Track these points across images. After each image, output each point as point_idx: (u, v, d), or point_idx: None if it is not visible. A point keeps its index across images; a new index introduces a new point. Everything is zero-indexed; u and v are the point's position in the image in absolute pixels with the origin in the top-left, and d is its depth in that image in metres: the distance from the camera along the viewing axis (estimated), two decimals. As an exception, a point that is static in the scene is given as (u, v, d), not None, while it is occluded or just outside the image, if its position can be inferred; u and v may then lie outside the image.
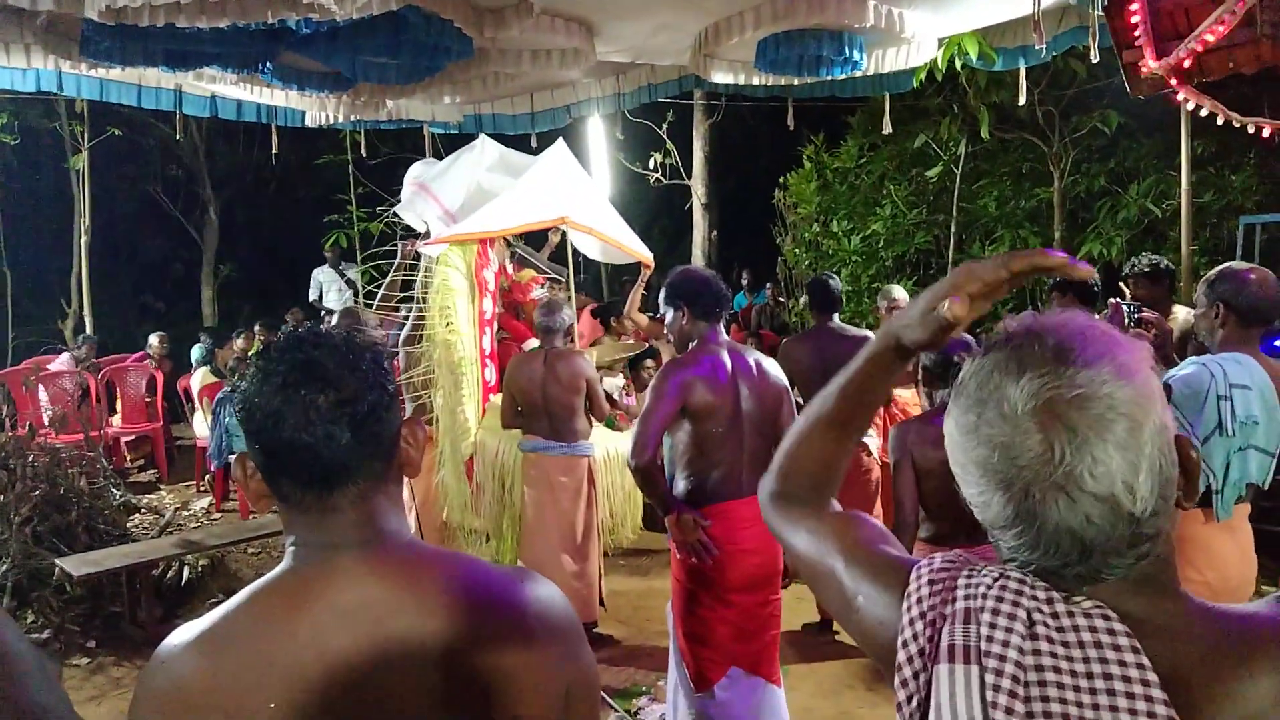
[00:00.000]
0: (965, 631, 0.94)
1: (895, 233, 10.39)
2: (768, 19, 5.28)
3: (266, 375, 1.15)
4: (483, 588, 1.18)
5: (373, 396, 1.17)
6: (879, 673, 4.46)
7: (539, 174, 6.03)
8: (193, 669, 1.10)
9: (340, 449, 1.14)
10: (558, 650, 1.19)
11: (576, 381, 4.95)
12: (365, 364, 1.19)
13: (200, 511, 7.83)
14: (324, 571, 1.16)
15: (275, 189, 14.42)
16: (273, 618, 1.12)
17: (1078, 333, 0.93)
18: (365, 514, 1.19)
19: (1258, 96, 7.61)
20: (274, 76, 5.89)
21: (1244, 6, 3.60)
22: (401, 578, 1.16)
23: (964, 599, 0.97)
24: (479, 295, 5.85)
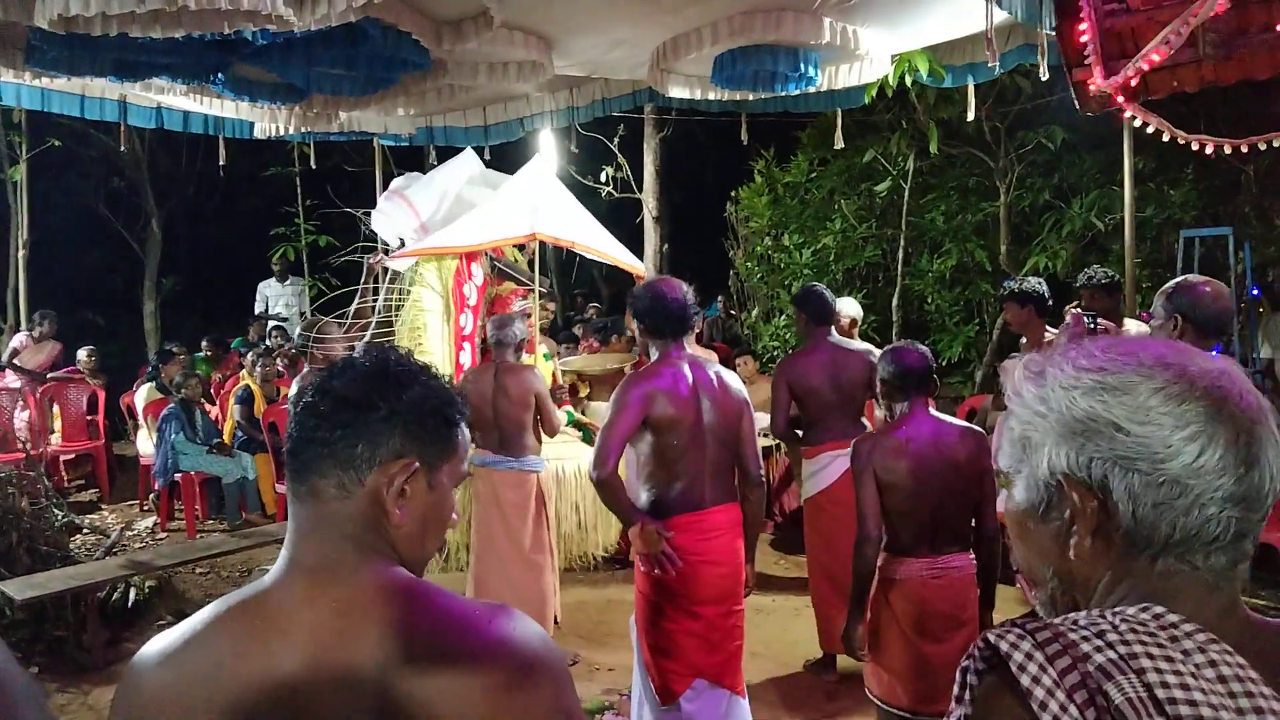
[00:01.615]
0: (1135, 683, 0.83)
1: (845, 246, 10.51)
2: (725, 35, 5.33)
3: (329, 371, 1.25)
4: (450, 622, 1.13)
5: (353, 406, 1.18)
6: (839, 683, 4.50)
7: (513, 190, 6.02)
8: (153, 679, 1.13)
9: (311, 437, 1.19)
10: (532, 692, 1.10)
11: (525, 397, 4.91)
12: (373, 381, 1.21)
13: (145, 531, 7.64)
14: (286, 590, 1.16)
15: (220, 201, 14.16)
16: (229, 633, 1.13)
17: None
18: (324, 520, 1.18)
19: (1193, 114, 7.87)
20: (225, 87, 5.81)
21: (1188, 28, 3.70)
22: (361, 605, 1.13)
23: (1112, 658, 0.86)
24: (456, 311, 5.80)
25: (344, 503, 1.18)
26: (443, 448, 1.23)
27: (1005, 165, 9.56)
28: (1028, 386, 1.02)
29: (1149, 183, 8.81)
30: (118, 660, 5.12)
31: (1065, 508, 0.98)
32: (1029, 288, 4.79)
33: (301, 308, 12.05)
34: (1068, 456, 0.96)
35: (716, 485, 3.38)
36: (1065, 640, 0.88)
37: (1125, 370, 0.95)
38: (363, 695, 1.07)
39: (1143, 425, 0.92)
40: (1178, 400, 0.92)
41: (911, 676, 3.10)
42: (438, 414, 1.23)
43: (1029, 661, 0.88)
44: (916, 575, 3.11)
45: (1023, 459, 1.02)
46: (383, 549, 1.20)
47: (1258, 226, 8.73)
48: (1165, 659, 0.84)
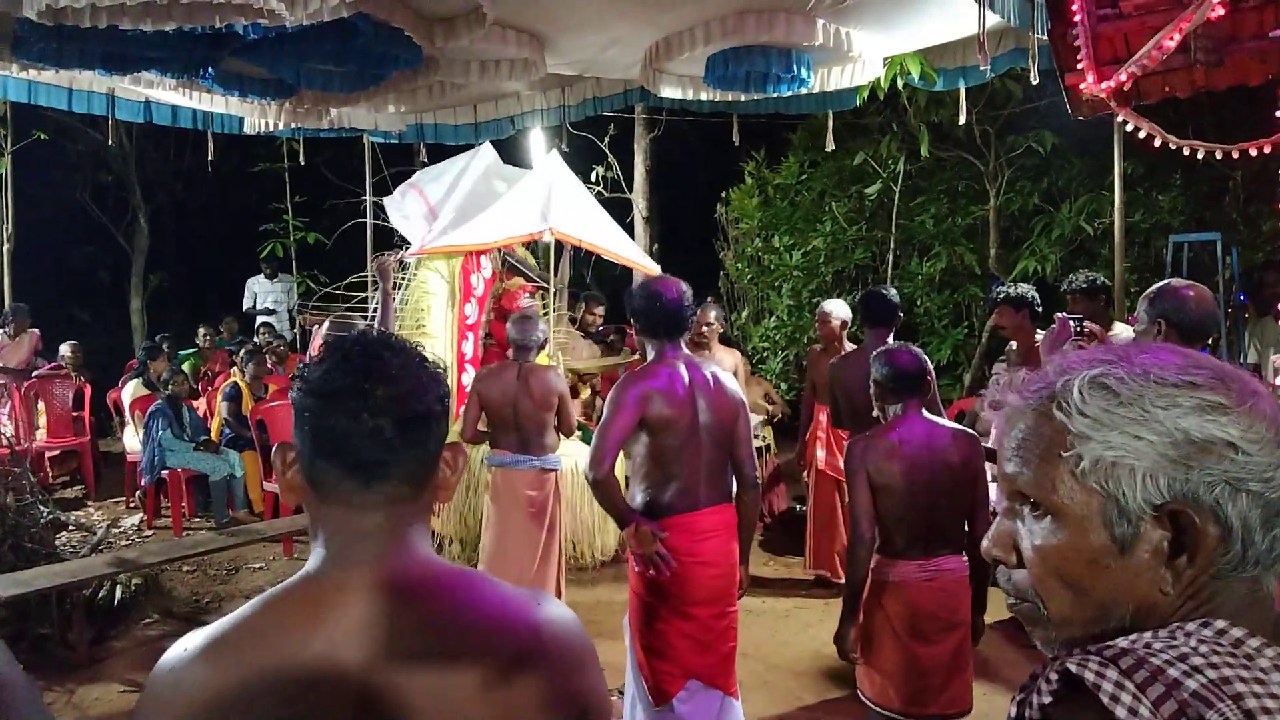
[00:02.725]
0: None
1: (835, 248, 10.52)
2: (718, 35, 5.33)
3: (334, 362, 1.17)
4: (500, 609, 1.18)
5: (423, 405, 1.19)
6: (830, 685, 4.50)
7: (528, 187, 5.98)
8: (200, 677, 1.09)
9: (383, 441, 1.15)
10: (573, 673, 1.19)
11: (549, 397, 4.90)
12: (425, 374, 1.21)
13: (131, 528, 7.59)
14: (343, 581, 1.15)
15: (208, 197, 14.06)
16: (288, 625, 1.12)
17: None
18: (393, 520, 1.18)
19: (1182, 120, 7.91)
20: (215, 82, 5.78)
21: (1181, 33, 3.72)
22: (419, 596, 1.16)
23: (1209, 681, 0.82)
24: (461, 300, 5.77)
25: (417, 500, 1.21)
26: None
27: (995, 169, 9.60)
28: (1097, 407, 0.91)
29: (1138, 188, 8.85)
30: (103, 658, 5.08)
31: (1152, 538, 0.90)
32: (1023, 292, 4.79)
33: (290, 304, 12.01)
34: (1170, 482, 0.88)
35: (712, 486, 3.37)
36: (1151, 666, 0.83)
37: (1214, 383, 0.90)
38: (438, 688, 1.10)
39: (1255, 444, 0.87)
40: (1269, 419, 0.88)
41: (903, 678, 3.10)
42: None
43: (1121, 691, 0.83)
44: (909, 578, 3.11)
45: (1091, 491, 0.91)
46: (427, 536, 1.25)
47: (1244, 232, 8.77)
48: (1256, 681, 0.81)
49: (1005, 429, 0.99)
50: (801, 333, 10.28)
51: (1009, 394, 1.00)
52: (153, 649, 5.26)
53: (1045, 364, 0.99)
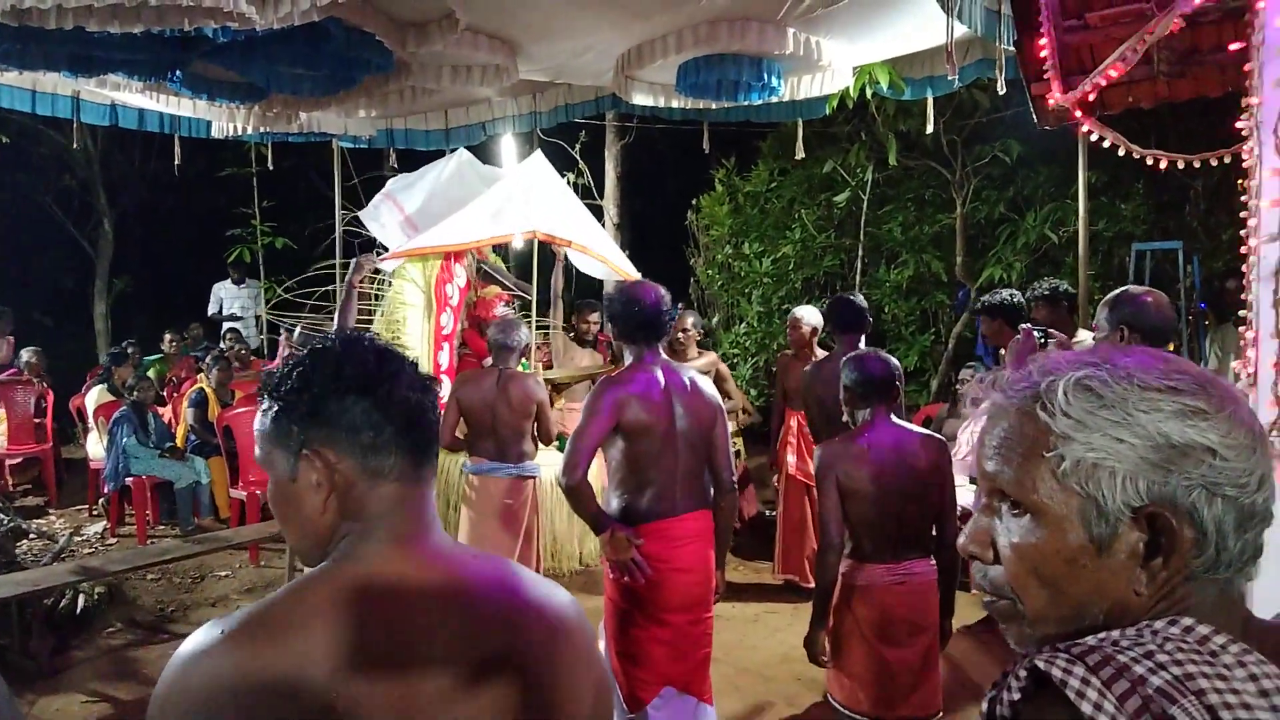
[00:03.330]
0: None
1: (805, 256, 10.58)
2: (690, 43, 5.36)
3: (351, 358, 1.23)
4: (532, 589, 1.28)
5: (431, 385, 1.30)
6: (799, 688, 4.52)
7: (510, 185, 5.92)
8: (222, 658, 1.09)
9: (435, 416, 1.28)
10: (592, 652, 1.30)
11: (528, 404, 4.89)
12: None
13: (94, 536, 7.48)
14: (395, 559, 1.20)
15: (175, 201, 13.90)
16: (341, 603, 1.14)
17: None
18: (430, 498, 1.27)
19: (1144, 130, 8.04)
20: (183, 85, 5.72)
21: (1144, 45, 3.77)
22: (462, 573, 1.23)
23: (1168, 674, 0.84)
24: (437, 310, 5.73)
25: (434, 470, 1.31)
26: None
27: (962, 178, 9.70)
28: (1080, 409, 0.92)
29: (1101, 197, 8.98)
30: (65, 669, 5.00)
31: (1129, 539, 0.91)
32: (998, 300, 4.82)
33: (257, 310, 11.90)
34: (1149, 485, 0.90)
35: (688, 492, 3.37)
36: (1117, 664, 0.85)
37: (1194, 389, 0.91)
38: (490, 661, 1.17)
39: (1233, 450, 0.89)
40: (1246, 426, 0.90)
41: (873, 682, 3.12)
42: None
43: (1087, 688, 0.84)
44: (879, 582, 3.14)
45: (1071, 491, 0.92)
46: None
47: (1205, 240, 8.93)
48: (1219, 678, 0.83)
49: (987, 427, 1.00)
50: (772, 339, 10.33)
51: (992, 392, 1.01)
52: (116, 659, 5.19)
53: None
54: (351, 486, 1.21)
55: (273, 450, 1.24)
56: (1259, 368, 2.67)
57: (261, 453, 1.27)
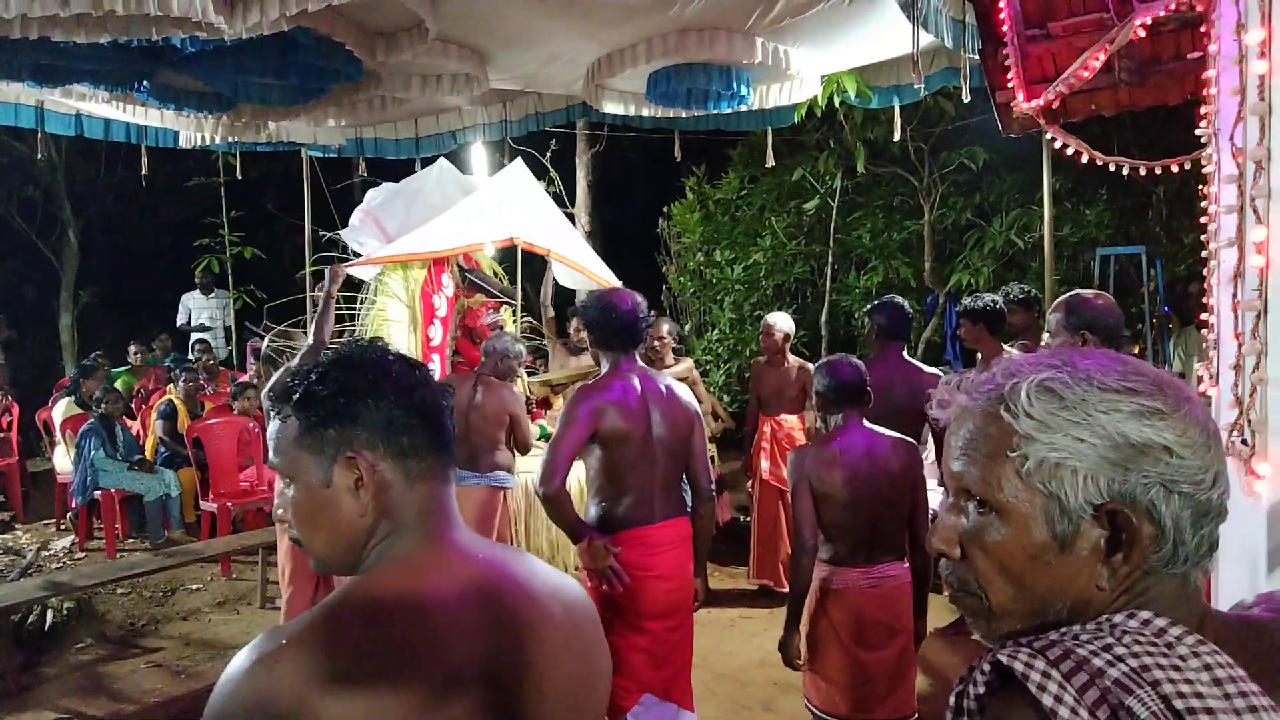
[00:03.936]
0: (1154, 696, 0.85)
1: (775, 263, 10.66)
2: (660, 53, 5.39)
3: (373, 362, 1.28)
4: (558, 578, 1.36)
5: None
6: (776, 693, 4.54)
7: (489, 192, 5.87)
8: (306, 663, 1.09)
9: (454, 422, 1.35)
10: (602, 640, 1.38)
11: (501, 415, 4.88)
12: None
13: (62, 551, 7.38)
14: (444, 551, 1.26)
15: (141, 211, 13.75)
16: (411, 593, 1.18)
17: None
18: (454, 497, 1.34)
19: (1107, 137, 8.18)
20: (150, 95, 5.68)
21: (1105, 54, 3.85)
22: (490, 566, 1.27)
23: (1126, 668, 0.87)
24: (424, 323, 5.69)
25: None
26: None
27: (929, 185, 9.82)
28: (1043, 410, 0.95)
29: (1066, 203, 9.13)
30: (34, 686, 4.93)
31: (1091, 535, 0.94)
32: (980, 305, 4.82)
33: (226, 320, 11.80)
34: (1109, 483, 0.92)
35: (666, 499, 3.38)
36: (1077, 657, 0.88)
37: (1152, 389, 0.94)
38: (552, 646, 1.25)
39: (1188, 448, 0.92)
40: (1200, 425, 0.93)
41: (849, 685, 3.15)
42: None
43: (1047, 680, 0.87)
44: (854, 585, 3.17)
45: (1034, 490, 0.95)
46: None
47: (1167, 245, 9.09)
48: (1174, 669, 0.86)
49: (953, 428, 1.03)
50: (744, 345, 10.38)
51: (958, 394, 1.04)
52: (87, 675, 5.12)
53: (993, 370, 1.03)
54: (389, 487, 1.25)
55: (301, 456, 1.24)
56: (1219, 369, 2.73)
57: (285, 460, 1.26)
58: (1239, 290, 2.19)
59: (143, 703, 4.70)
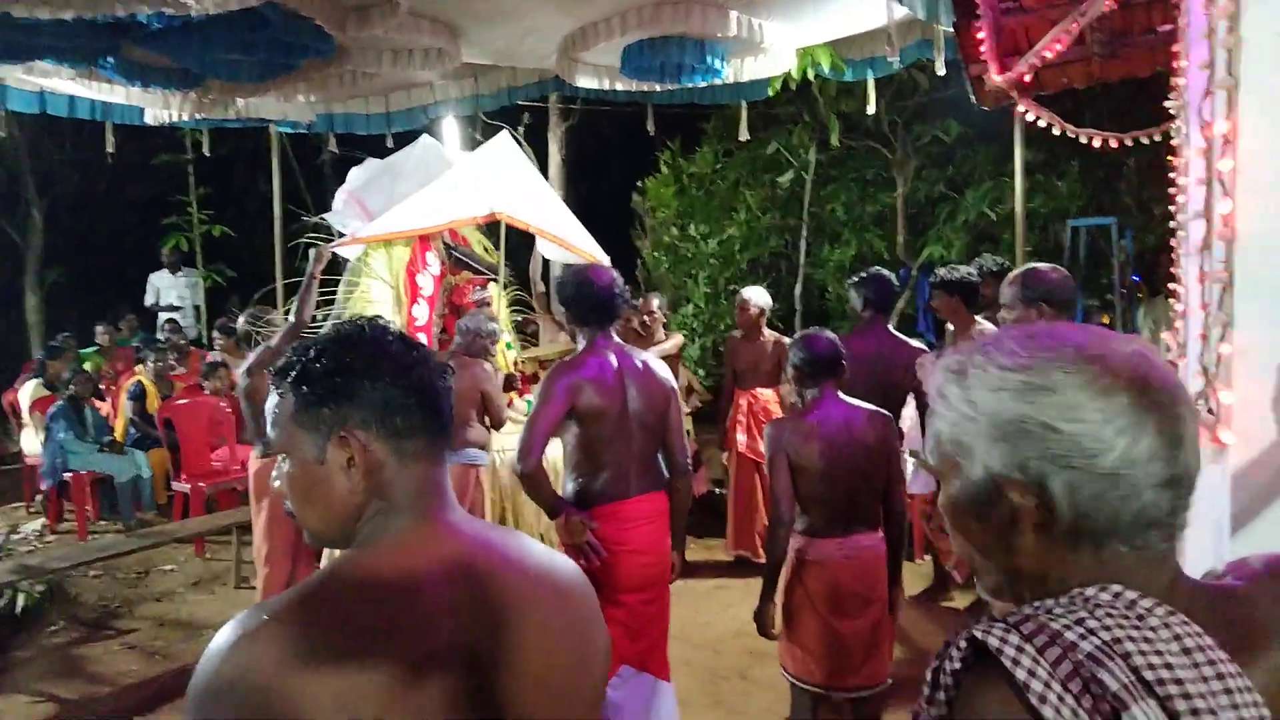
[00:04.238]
0: (1122, 667, 0.87)
1: (750, 236, 10.67)
2: (634, 26, 5.37)
3: (370, 340, 1.27)
4: (550, 556, 1.35)
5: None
6: (752, 662, 4.59)
7: (471, 167, 5.76)
8: (289, 641, 1.09)
9: (449, 394, 1.31)
10: (599, 616, 1.37)
11: (472, 393, 4.88)
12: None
13: (32, 534, 7.32)
14: (434, 531, 1.25)
15: (107, 189, 13.53)
16: (389, 581, 1.18)
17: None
18: (447, 478, 1.32)
19: (1079, 109, 8.21)
20: (116, 72, 5.59)
21: (1078, 27, 3.86)
22: (483, 545, 1.27)
23: (1095, 638, 0.89)
24: (409, 302, 5.63)
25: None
26: None
27: (902, 157, 9.84)
28: (951, 388, 1.01)
29: (1038, 175, 9.17)
30: (7, 669, 4.90)
31: (1004, 505, 0.98)
32: (956, 278, 4.81)
33: (195, 300, 11.67)
34: (1002, 457, 0.96)
35: (643, 474, 3.39)
36: (1050, 631, 0.90)
37: (1050, 367, 0.95)
38: (544, 619, 1.25)
39: (1073, 423, 0.93)
40: (1105, 394, 0.93)
41: (825, 654, 3.19)
42: None
43: (1021, 655, 0.89)
44: (830, 556, 3.20)
45: (956, 459, 1.01)
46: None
47: (1138, 216, 9.17)
48: (1145, 640, 0.88)
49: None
50: (719, 320, 10.40)
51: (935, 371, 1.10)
52: (60, 657, 5.09)
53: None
54: (382, 467, 1.24)
55: (296, 433, 1.25)
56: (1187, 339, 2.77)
57: (282, 436, 1.27)
58: (1205, 262, 2.22)
59: (118, 684, 4.69)
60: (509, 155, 6.02)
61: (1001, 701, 0.88)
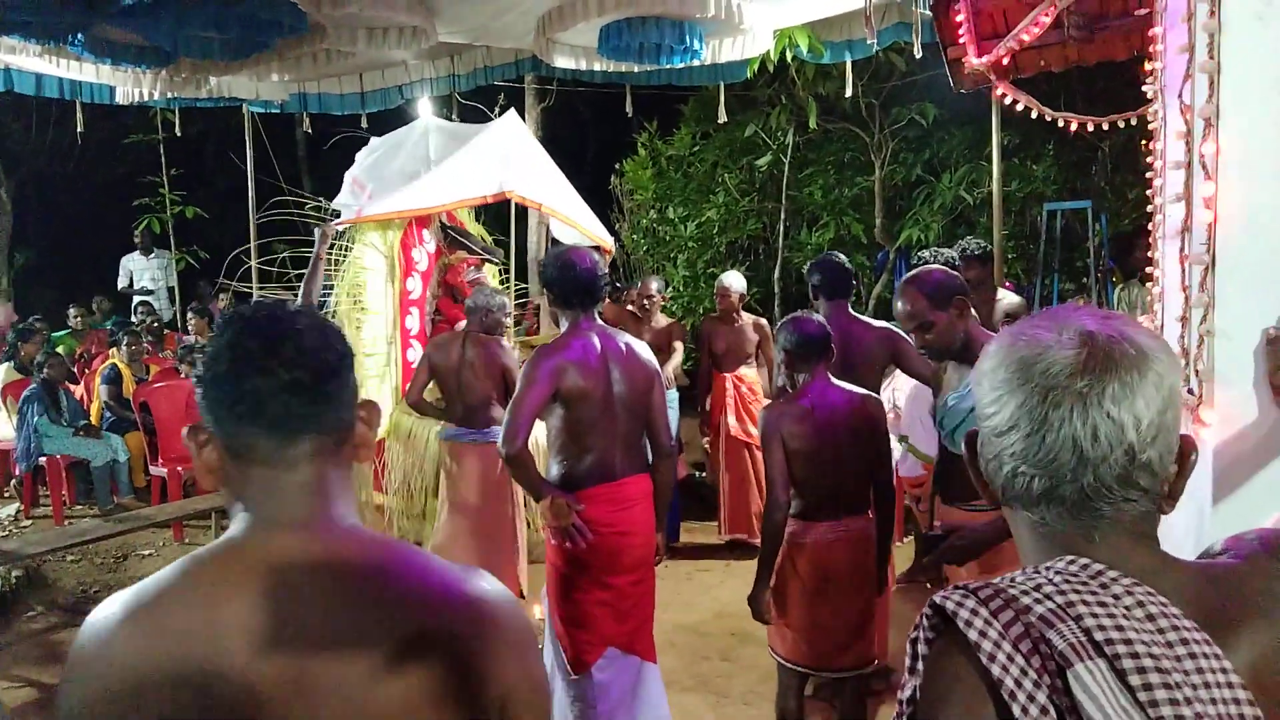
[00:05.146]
0: (1072, 628, 0.90)
1: (728, 219, 10.67)
2: (611, 6, 5.32)
3: (239, 328, 1.17)
4: (428, 581, 1.17)
5: (334, 356, 1.19)
6: (735, 643, 4.62)
7: (481, 145, 5.71)
8: (127, 644, 1.07)
9: (303, 393, 1.15)
10: (500, 653, 1.17)
11: (493, 370, 4.87)
12: (330, 330, 1.22)
13: (7, 519, 7.24)
14: (267, 545, 1.14)
15: (76, 170, 13.34)
16: (203, 589, 1.10)
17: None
18: (317, 479, 1.18)
19: (1055, 93, 8.26)
20: (85, 49, 5.48)
21: (1054, 11, 3.88)
22: (343, 562, 1.15)
23: (1047, 602, 0.94)
24: (403, 274, 5.60)
25: (339, 455, 1.21)
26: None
27: (880, 140, 9.86)
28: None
29: (1014, 158, 9.22)
30: (-17, 655, 4.87)
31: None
32: (940, 259, 4.73)
33: (168, 282, 11.54)
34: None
35: (628, 456, 3.39)
36: (1006, 595, 0.94)
37: (997, 340, 1.06)
38: (357, 656, 1.09)
39: (979, 386, 1.04)
40: (1001, 366, 1.02)
41: (815, 635, 3.22)
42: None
43: (974, 617, 0.93)
44: (823, 539, 3.22)
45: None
46: (351, 499, 1.24)
47: (1112, 200, 9.25)
48: (1099, 604, 0.91)
49: None
50: (698, 303, 10.40)
51: None
52: (38, 642, 5.06)
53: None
54: (217, 467, 1.18)
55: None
56: (1164, 321, 2.81)
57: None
58: (1186, 244, 2.24)
59: (98, 669, 4.65)
60: (518, 134, 5.97)
61: (955, 662, 0.94)
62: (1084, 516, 0.99)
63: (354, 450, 1.24)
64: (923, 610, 1.00)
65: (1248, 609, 0.97)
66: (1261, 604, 0.97)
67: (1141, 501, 0.99)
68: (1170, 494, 1.02)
